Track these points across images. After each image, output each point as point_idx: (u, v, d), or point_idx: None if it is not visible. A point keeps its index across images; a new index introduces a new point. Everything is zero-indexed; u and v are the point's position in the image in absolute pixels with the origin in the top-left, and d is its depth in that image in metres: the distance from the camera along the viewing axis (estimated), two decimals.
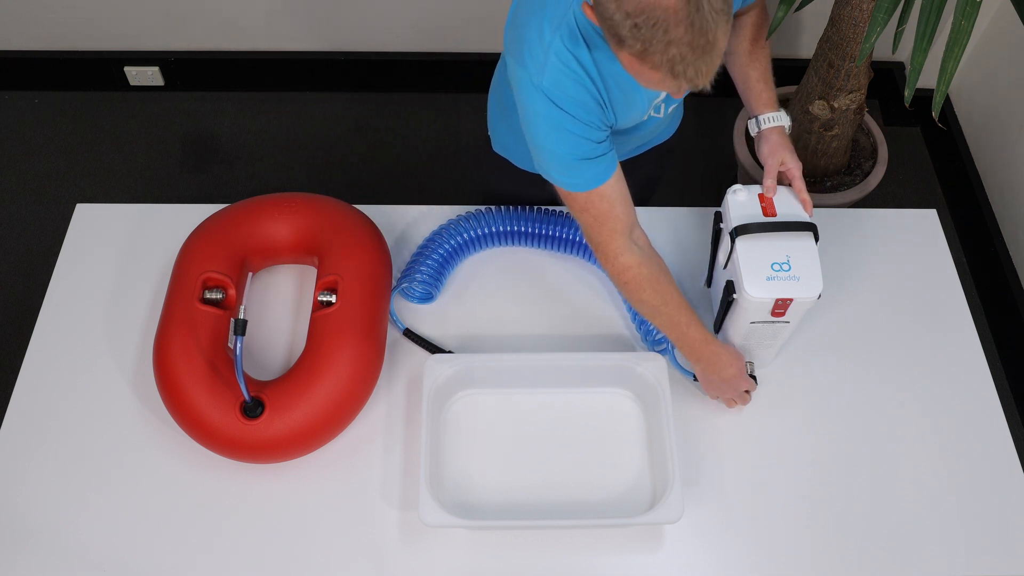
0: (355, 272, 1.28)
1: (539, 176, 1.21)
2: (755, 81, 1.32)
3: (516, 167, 1.46)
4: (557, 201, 1.23)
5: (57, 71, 2.66)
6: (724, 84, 2.80)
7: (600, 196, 1.16)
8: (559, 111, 1.10)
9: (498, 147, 1.48)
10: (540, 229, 1.42)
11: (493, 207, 1.45)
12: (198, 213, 1.48)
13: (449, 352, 1.33)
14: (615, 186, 1.17)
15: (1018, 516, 1.23)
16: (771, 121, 1.31)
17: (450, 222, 1.43)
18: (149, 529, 1.20)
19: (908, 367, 1.36)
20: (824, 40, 1.98)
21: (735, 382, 1.26)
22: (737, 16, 1.34)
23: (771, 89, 1.33)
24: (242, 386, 1.15)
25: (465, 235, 1.42)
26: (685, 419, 1.29)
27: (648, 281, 1.20)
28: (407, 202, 1.55)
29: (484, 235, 1.43)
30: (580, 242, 1.42)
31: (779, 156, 1.28)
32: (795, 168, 1.27)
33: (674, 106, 1.35)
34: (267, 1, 2.46)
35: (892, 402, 1.32)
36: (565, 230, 1.42)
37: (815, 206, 1.80)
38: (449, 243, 1.40)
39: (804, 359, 1.36)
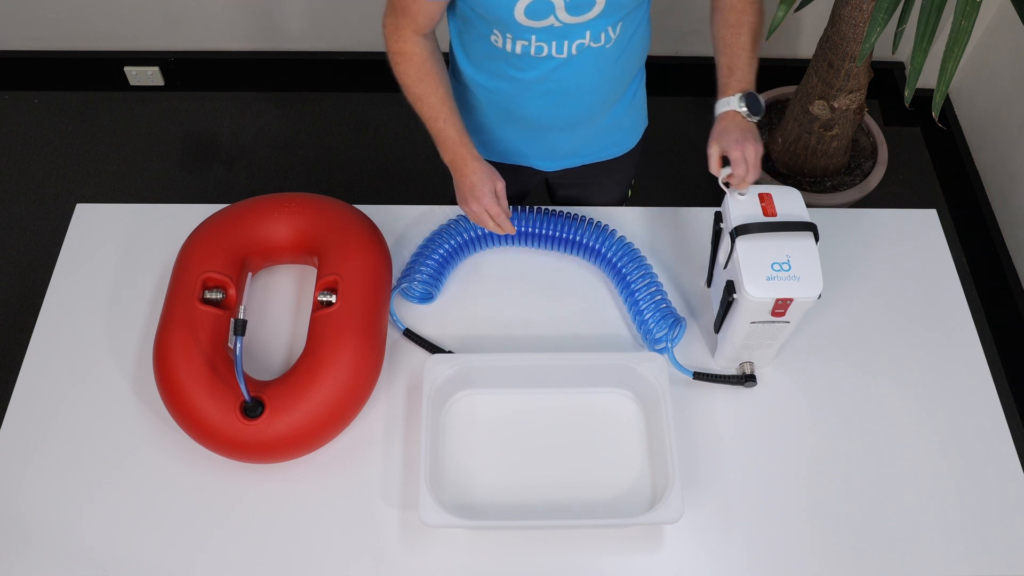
0: (355, 272, 1.29)
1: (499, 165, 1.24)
2: (723, 68, 1.31)
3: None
4: (511, 196, 1.25)
5: (57, 71, 2.66)
6: None
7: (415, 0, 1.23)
8: None
9: None
10: (540, 229, 1.42)
11: None
12: (198, 213, 1.48)
13: (449, 352, 1.34)
14: (433, 7, 1.23)
15: (1018, 516, 1.23)
16: (721, 107, 1.29)
17: (450, 222, 1.43)
18: (149, 529, 1.20)
19: (908, 367, 1.36)
20: (824, 40, 1.98)
21: (477, 192, 1.31)
22: None
23: (737, 74, 1.28)
24: (242, 386, 1.15)
25: (465, 235, 1.42)
26: (685, 419, 1.29)
27: (416, 69, 1.29)
28: (407, 202, 1.56)
29: (484, 235, 1.43)
30: (580, 242, 1.42)
31: (714, 144, 1.25)
32: (738, 150, 1.22)
33: (602, 43, 1.27)
34: (267, 1, 2.46)
35: (892, 402, 1.32)
36: (565, 230, 1.42)
37: (815, 206, 1.81)
38: (449, 243, 1.40)
39: (804, 359, 1.36)
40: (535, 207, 1.44)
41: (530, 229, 1.43)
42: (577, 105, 1.36)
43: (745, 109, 1.26)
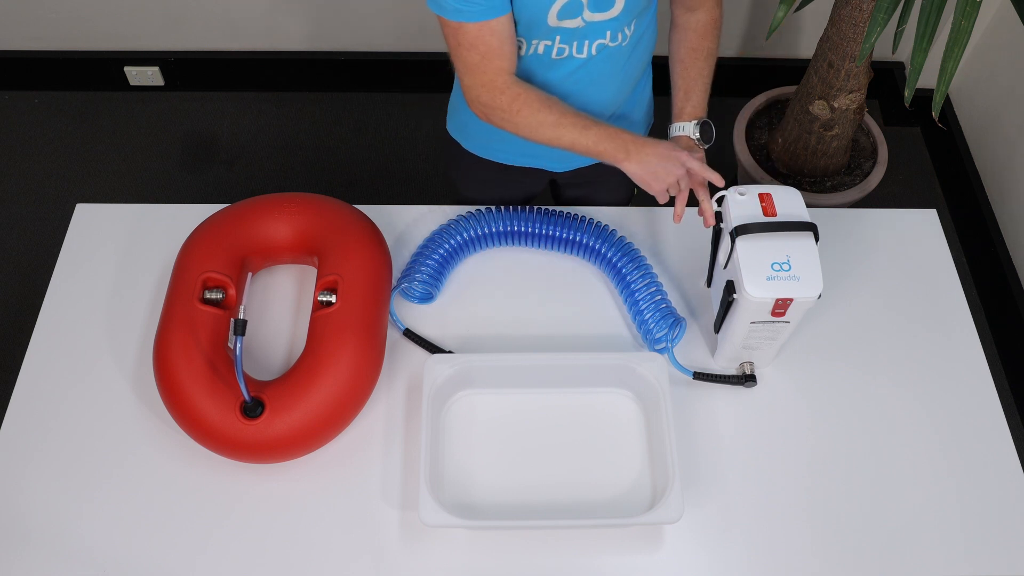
0: (355, 272, 1.29)
1: (490, 163, 1.21)
2: (679, 91, 1.34)
3: (465, 150, 1.46)
4: (518, 200, 1.24)
5: (57, 71, 2.66)
6: (724, 84, 2.81)
7: (491, 31, 1.16)
8: None
9: (452, 128, 1.49)
10: (540, 229, 1.42)
11: (493, 207, 1.45)
12: (198, 213, 1.48)
13: (449, 352, 1.34)
14: (507, 24, 1.17)
15: (1018, 516, 1.23)
16: (675, 131, 1.32)
17: (450, 222, 1.43)
18: (149, 529, 1.20)
19: (908, 367, 1.36)
20: (824, 40, 1.98)
21: (668, 153, 1.22)
22: (688, 11, 1.33)
23: (693, 100, 1.31)
24: (242, 386, 1.15)
25: (465, 235, 1.42)
26: (685, 419, 1.29)
27: (539, 100, 1.22)
28: (407, 202, 1.56)
29: (484, 235, 1.43)
30: (581, 242, 1.42)
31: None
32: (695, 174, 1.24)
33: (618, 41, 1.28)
34: (267, 1, 2.46)
35: (892, 402, 1.32)
36: (565, 230, 1.42)
37: (815, 206, 1.81)
38: (449, 243, 1.40)
39: (804, 359, 1.36)
40: (535, 207, 1.44)
41: (530, 229, 1.43)
42: (591, 104, 1.36)
43: (698, 136, 1.32)
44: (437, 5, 1.16)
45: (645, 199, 1.54)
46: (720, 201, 1.26)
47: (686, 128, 1.31)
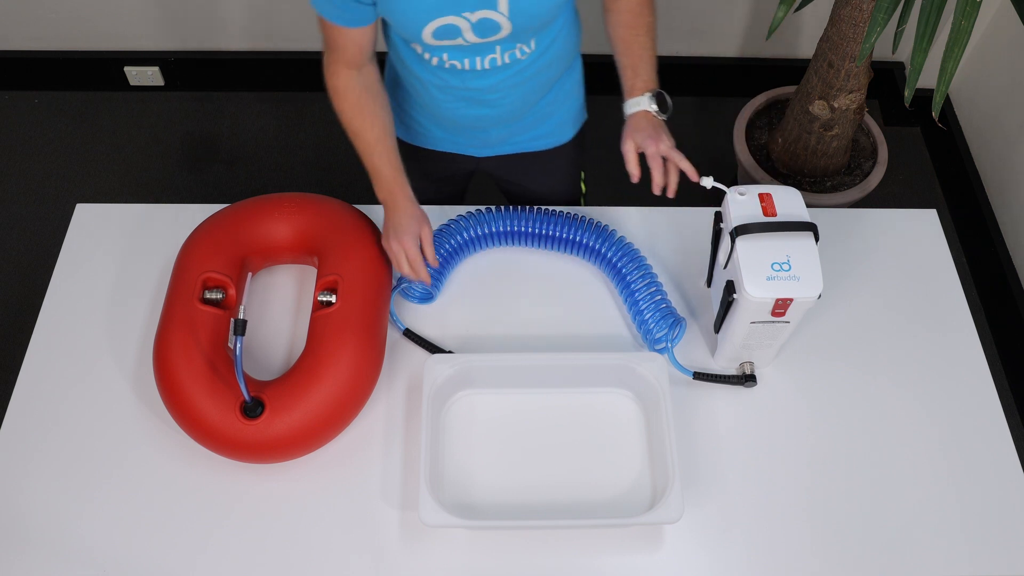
0: (355, 272, 1.29)
1: (411, 147, 1.27)
2: (625, 68, 1.33)
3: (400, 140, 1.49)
4: (450, 190, 1.24)
5: (57, 71, 2.66)
6: (723, 84, 2.80)
7: (340, 33, 1.23)
8: None
9: None
10: (540, 229, 1.42)
11: (493, 207, 1.45)
12: (198, 213, 1.48)
13: (449, 352, 1.33)
14: (359, 37, 1.23)
15: (1018, 516, 1.23)
16: (632, 107, 1.31)
17: (450, 222, 1.43)
18: (149, 529, 1.20)
19: (908, 367, 1.36)
20: (824, 40, 1.98)
21: (400, 232, 1.30)
22: None
23: (642, 75, 1.32)
24: (242, 386, 1.15)
25: (465, 235, 1.42)
26: (685, 419, 1.29)
27: (351, 105, 1.28)
28: None
29: (484, 235, 1.43)
30: (580, 242, 1.42)
31: (631, 141, 1.28)
32: (653, 145, 1.26)
33: (517, 54, 1.28)
34: (267, 1, 2.46)
35: (892, 402, 1.32)
36: (565, 230, 1.42)
37: (815, 206, 1.81)
38: (449, 243, 1.40)
39: (804, 359, 1.36)
40: (535, 207, 1.44)
41: (530, 229, 1.43)
42: (496, 107, 1.37)
43: (656, 107, 1.30)
44: None
45: (643, 199, 1.54)
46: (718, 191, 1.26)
47: (641, 102, 1.30)
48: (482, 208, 1.45)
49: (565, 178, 1.60)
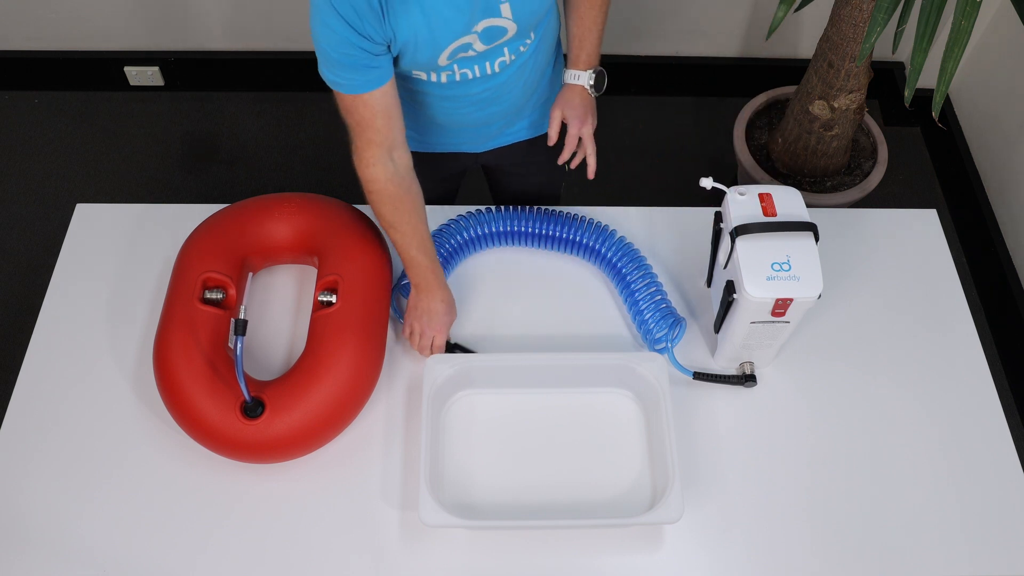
0: (355, 272, 1.29)
1: (415, 155, 1.27)
2: (574, 38, 1.38)
3: None
4: (444, 189, 1.26)
5: (57, 71, 2.66)
6: (723, 84, 2.80)
7: (364, 103, 1.19)
8: (332, 10, 1.11)
9: None
10: (540, 229, 1.42)
11: (493, 207, 1.45)
12: (198, 213, 1.48)
13: (471, 352, 1.34)
14: (381, 99, 1.19)
15: (1018, 516, 1.23)
16: (571, 78, 1.37)
17: (450, 222, 1.43)
18: (149, 529, 1.20)
19: (908, 367, 1.36)
20: (824, 40, 1.98)
21: (435, 319, 1.30)
22: None
23: (587, 48, 1.37)
24: (242, 386, 1.15)
25: (466, 235, 1.42)
26: (685, 419, 1.29)
27: (390, 199, 1.26)
28: None
29: (484, 235, 1.43)
30: (580, 242, 1.42)
31: (559, 109, 1.34)
32: (577, 125, 1.34)
33: (514, 58, 1.30)
34: (267, 1, 2.46)
35: (892, 402, 1.32)
36: (565, 230, 1.42)
37: (815, 206, 1.81)
38: (450, 243, 1.40)
39: (804, 359, 1.36)
40: (535, 207, 1.44)
41: (530, 229, 1.43)
42: (502, 103, 1.38)
43: (592, 84, 1.37)
44: (321, 69, 1.20)
45: (643, 199, 1.54)
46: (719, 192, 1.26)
47: (581, 77, 1.36)
48: (481, 208, 1.45)
49: (547, 168, 1.61)
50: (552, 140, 1.35)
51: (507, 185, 1.65)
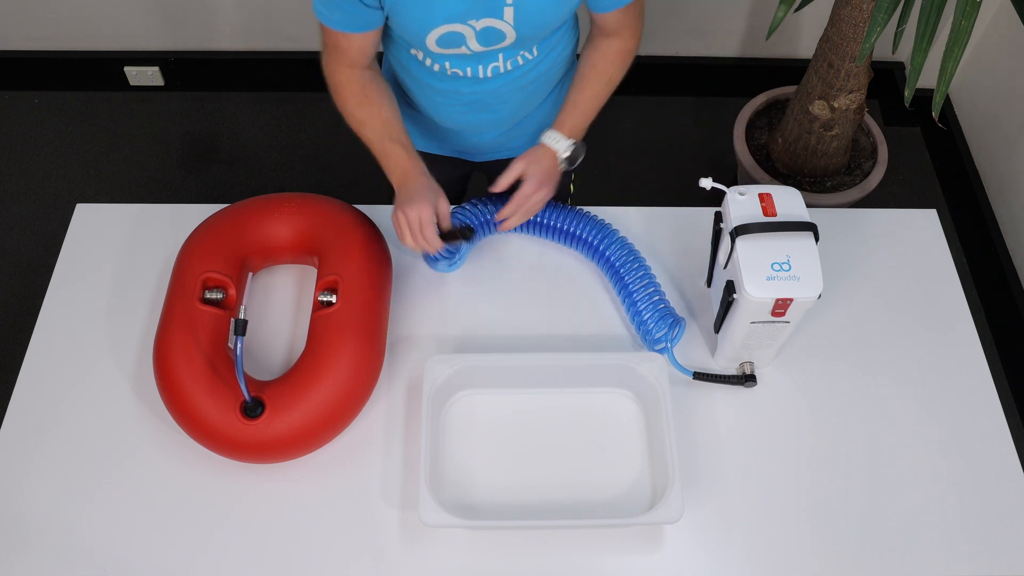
0: (355, 272, 1.28)
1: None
2: (568, 100, 1.33)
3: None
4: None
5: (57, 71, 2.66)
6: (723, 84, 2.80)
7: (344, 37, 1.23)
8: None
9: None
10: (540, 218, 1.42)
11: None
12: (198, 213, 1.48)
13: (470, 228, 1.31)
14: (361, 40, 1.23)
15: (1018, 516, 1.23)
16: (549, 139, 1.32)
17: (455, 209, 1.42)
18: (149, 529, 1.20)
19: (908, 367, 1.36)
20: (824, 40, 1.98)
21: (417, 200, 1.25)
22: (605, 36, 1.31)
23: (577, 118, 1.32)
24: (242, 386, 1.15)
25: (466, 221, 1.41)
26: (685, 419, 1.29)
27: (355, 95, 1.27)
28: None
29: (485, 222, 1.42)
30: (580, 236, 1.41)
31: (523, 163, 1.30)
32: (532, 188, 1.28)
33: (513, 67, 1.29)
34: (267, 1, 2.46)
35: (892, 402, 1.32)
36: (565, 222, 1.41)
37: (815, 206, 1.81)
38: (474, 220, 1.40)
39: (804, 359, 1.36)
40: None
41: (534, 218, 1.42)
42: (495, 114, 1.37)
43: (566, 158, 1.32)
44: (314, 2, 1.22)
45: (643, 199, 1.54)
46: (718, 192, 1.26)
47: (559, 143, 1.31)
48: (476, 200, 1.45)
49: (561, 183, 1.60)
50: (498, 188, 1.31)
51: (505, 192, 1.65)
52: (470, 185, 1.71)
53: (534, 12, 1.18)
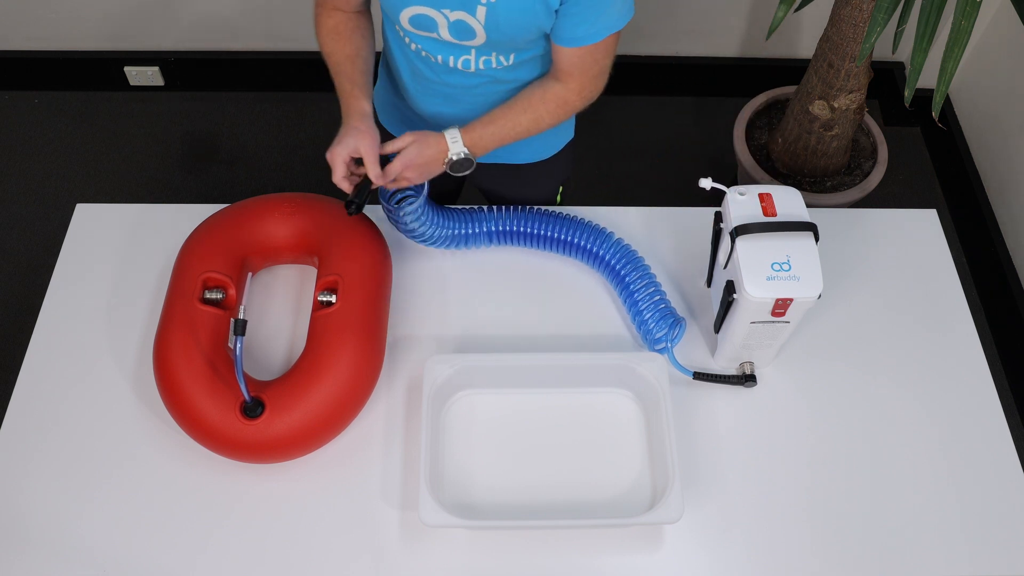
0: (355, 272, 1.28)
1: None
2: (487, 116, 1.29)
3: (384, 128, 1.51)
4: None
5: (57, 71, 2.66)
6: (723, 84, 2.80)
7: None
8: None
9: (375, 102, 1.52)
10: (536, 229, 1.42)
11: (495, 207, 1.44)
12: (198, 213, 1.48)
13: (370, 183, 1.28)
14: None
15: (1018, 516, 1.23)
16: (448, 137, 1.27)
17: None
18: (149, 529, 1.20)
19: (908, 367, 1.36)
20: (824, 40, 1.98)
21: (335, 144, 1.25)
22: (552, 78, 1.28)
23: (486, 131, 1.28)
24: (242, 386, 1.15)
25: (459, 231, 1.41)
26: (685, 419, 1.29)
27: (331, 31, 1.31)
28: None
29: (478, 233, 1.42)
30: (578, 244, 1.41)
31: (412, 139, 1.26)
32: (400, 165, 1.24)
33: (495, 63, 1.28)
34: (267, 1, 2.46)
35: (892, 402, 1.32)
36: (562, 232, 1.41)
37: (815, 206, 1.81)
38: (443, 234, 1.39)
39: (804, 359, 1.36)
40: (533, 207, 1.44)
41: (528, 230, 1.42)
42: (469, 112, 1.34)
43: (453, 161, 1.28)
44: None
45: (643, 199, 1.54)
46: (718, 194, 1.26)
47: (454, 145, 1.27)
48: (483, 208, 1.45)
49: (543, 190, 1.60)
50: (384, 151, 1.27)
51: (490, 195, 1.64)
52: (468, 186, 1.71)
53: (503, 19, 1.18)
